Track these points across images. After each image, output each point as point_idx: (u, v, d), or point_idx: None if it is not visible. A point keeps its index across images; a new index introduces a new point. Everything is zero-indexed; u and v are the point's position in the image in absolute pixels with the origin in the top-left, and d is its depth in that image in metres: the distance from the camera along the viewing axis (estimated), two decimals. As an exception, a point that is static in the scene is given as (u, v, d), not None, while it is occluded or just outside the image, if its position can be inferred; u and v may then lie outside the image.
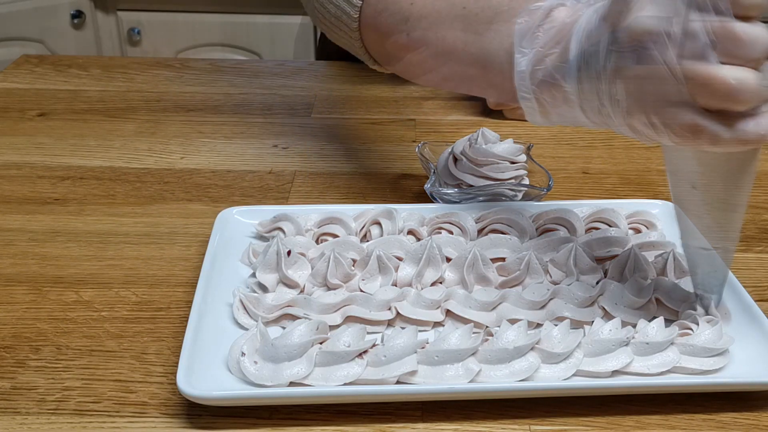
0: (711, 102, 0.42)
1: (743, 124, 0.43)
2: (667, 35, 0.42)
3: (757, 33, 0.41)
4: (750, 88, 0.41)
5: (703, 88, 0.42)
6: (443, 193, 0.71)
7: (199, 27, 1.99)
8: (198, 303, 0.55)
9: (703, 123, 0.43)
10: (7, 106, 0.95)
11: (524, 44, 0.50)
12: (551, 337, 0.52)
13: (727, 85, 0.41)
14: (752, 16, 0.41)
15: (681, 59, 0.42)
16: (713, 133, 0.43)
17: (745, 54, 0.41)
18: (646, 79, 0.44)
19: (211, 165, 0.82)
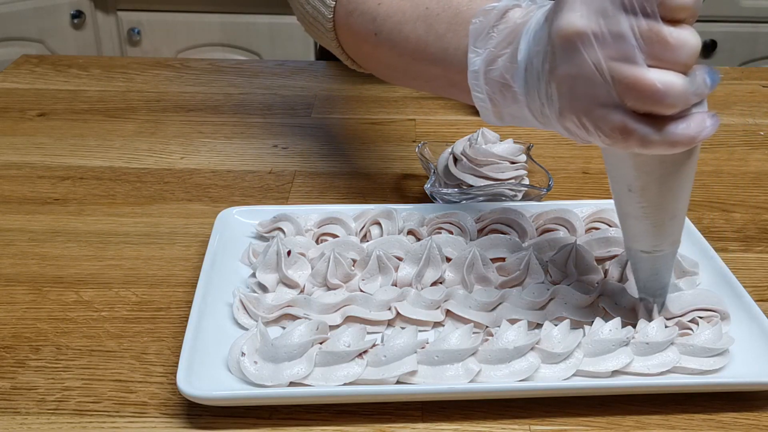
0: (639, 105, 0.42)
1: (673, 126, 0.42)
2: (595, 36, 0.42)
3: (684, 37, 0.41)
4: (676, 92, 0.41)
5: (630, 91, 0.42)
6: (443, 193, 0.71)
7: (199, 27, 1.99)
8: (198, 303, 0.55)
9: (632, 125, 0.43)
10: (7, 106, 0.95)
11: (478, 44, 0.50)
12: (551, 337, 0.52)
13: (654, 88, 0.41)
14: (680, 18, 0.41)
15: (609, 61, 0.42)
16: (642, 136, 0.43)
17: (673, 58, 0.41)
18: (576, 80, 0.44)
19: (211, 165, 0.82)
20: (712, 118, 0.44)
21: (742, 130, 0.93)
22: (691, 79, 0.42)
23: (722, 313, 0.56)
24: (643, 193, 0.48)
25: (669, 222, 0.50)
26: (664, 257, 0.52)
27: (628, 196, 0.50)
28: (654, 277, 0.54)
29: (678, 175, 0.47)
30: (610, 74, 0.42)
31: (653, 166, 0.47)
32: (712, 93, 1.06)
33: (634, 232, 0.52)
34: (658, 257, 0.52)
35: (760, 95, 1.03)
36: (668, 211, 0.49)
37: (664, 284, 0.54)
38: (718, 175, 0.82)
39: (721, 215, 0.74)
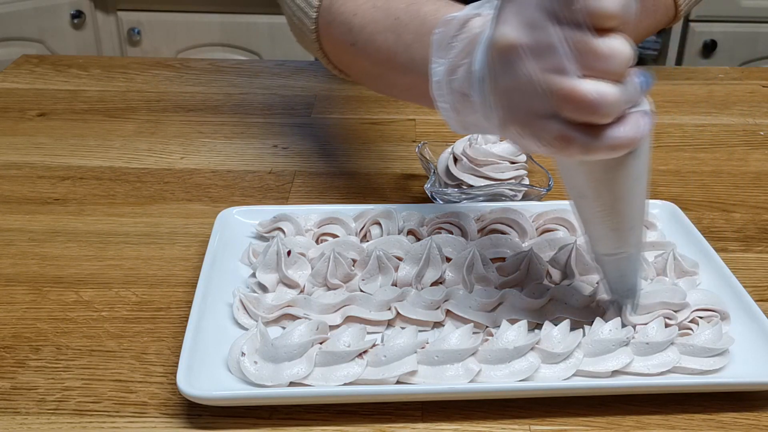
0: (575, 115, 0.42)
1: (610, 131, 0.42)
2: (527, 49, 0.42)
3: (615, 46, 0.41)
4: (610, 102, 0.41)
5: (565, 103, 0.42)
6: (443, 193, 0.71)
7: (199, 27, 1.99)
8: (198, 303, 0.55)
9: (571, 134, 0.42)
10: (7, 106, 0.95)
11: (439, 54, 0.50)
12: (551, 337, 0.52)
13: (587, 99, 0.41)
14: (611, 27, 0.41)
15: (543, 73, 0.42)
16: (582, 144, 0.42)
17: (605, 67, 0.41)
18: (514, 92, 0.44)
19: (211, 165, 0.82)
20: (644, 116, 0.43)
21: (742, 130, 0.93)
22: (626, 86, 0.42)
23: (722, 313, 0.56)
24: (595, 199, 0.49)
25: (627, 225, 0.50)
26: (628, 259, 0.52)
27: (582, 201, 0.50)
28: (621, 278, 0.54)
29: (627, 178, 0.47)
30: (545, 86, 0.42)
31: (599, 171, 0.46)
32: (712, 93, 1.07)
33: (594, 235, 0.52)
34: (622, 259, 0.52)
35: (760, 95, 1.03)
36: (624, 215, 0.49)
37: (631, 285, 0.54)
38: (718, 175, 0.82)
39: (721, 215, 0.74)
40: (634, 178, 0.47)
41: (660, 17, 1.00)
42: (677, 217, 0.68)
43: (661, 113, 0.97)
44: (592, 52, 0.41)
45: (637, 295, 0.55)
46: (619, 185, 0.47)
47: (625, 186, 0.47)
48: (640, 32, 0.99)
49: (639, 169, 0.47)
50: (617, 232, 0.50)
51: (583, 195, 0.49)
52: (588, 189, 0.48)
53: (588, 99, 0.41)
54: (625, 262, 0.53)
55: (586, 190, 0.49)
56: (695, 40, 1.98)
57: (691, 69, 1.14)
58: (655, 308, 0.55)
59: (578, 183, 0.49)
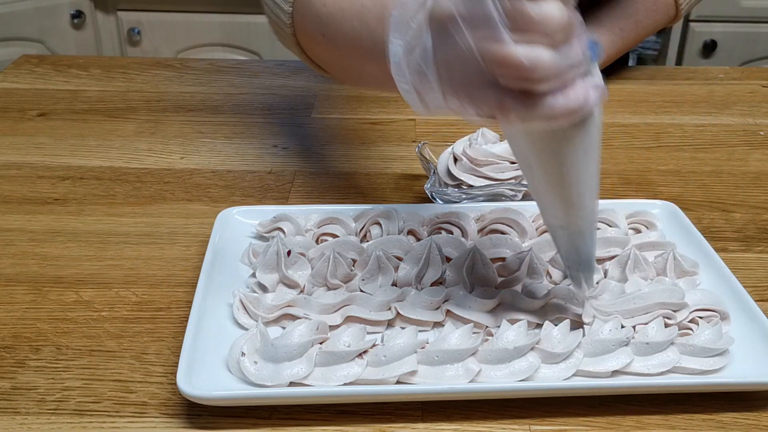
0: (511, 82, 0.42)
1: (549, 99, 0.42)
2: (462, 18, 0.42)
3: (547, 11, 0.41)
4: (544, 66, 0.41)
5: (500, 69, 0.42)
6: (443, 193, 0.71)
7: (199, 27, 1.99)
8: (198, 303, 0.55)
9: (508, 102, 0.42)
10: (7, 106, 0.95)
11: (397, 35, 0.49)
12: (551, 337, 0.52)
13: (520, 64, 0.41)
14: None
15: (478, 41, 0.42)
16: (519, 111, 0.42)
17: (538, 31, 0.41)
18: (452, 63, 0.44)
19: (211, 165, 0.82)
20: (596, 88, 0.43)
21: (742, 130, 0.93)
22: (564, 52, 0.42)
23: (722, 313, 0.56)
24: (540, 169, 0.48)
25: (575, 199, 0.49)
26: (580, 234, 0.52)
27: (529, 171, 0.49)
28: (575, 252, 0.53)
29: (574, 152, 0.46)
30: (480, 54, 0.42)
31: (544, 141, 0.46)
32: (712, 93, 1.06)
33: (543, 205, 0.52)
34: (574, 232, 0.52)
35: (760, 95, 1.03)
36: (571, 188, 0.49)
37: (586, 258, 0.53)
38: (718, 175, 0.82)
39: (721, 215, 0.74)
40: (581, 152, 0.46)
41: (660, 17, 1.00)
42: (677, 217, 0.68)
43: (661, 113, 0.97)
44: (525, 17, 0.41)
45: (592, 270, 0.54)
46: (565, 158, 0.46)
47: (571, 159, 0.46)
48: (640, 32, 1.00)
49: (587, 143, 0.46)
50: (565, 204, 0.50)
51: (529, 165, 0.49)
52: (533, 159, 0.48)
53: (521, 63, 0.41)
54: (578, 235, 0.52)
55: (531, 160, 0.48)
56: (695, 40, 1.98)
57: (691, 69, 1.14)
58: (653, 309, 0.55)
59: (524, 152, 0.48)
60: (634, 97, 1.02)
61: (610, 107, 0.98)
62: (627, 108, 0.98)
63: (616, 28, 0.97)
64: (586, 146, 0.46)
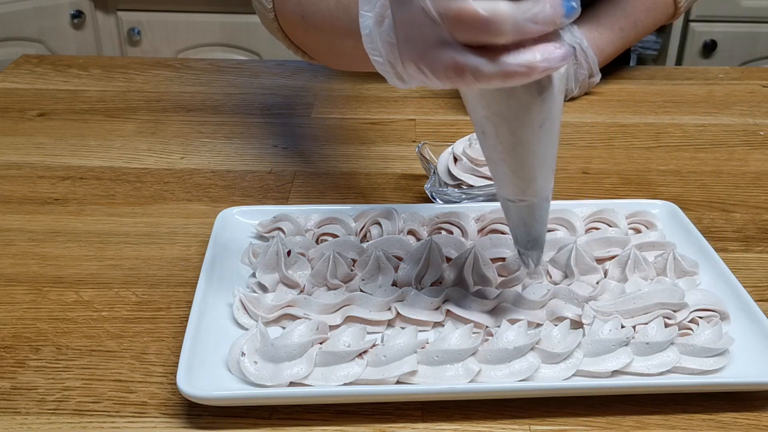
0: (469, 37, 0.41)
1: (506, 57, 0.41)
2: None
3: None
4: (503, 18, 0.40)
5: (457, 24, 0.41)
6: (443, 193, 0.71)
7: (199, 27, 1.99)
8: (198, 303, 0.55)
9: (463, 60, 0.41)
10: (7, 106, 0.95)
11: (367, 8, 0.49)
12: (551, 337, 0.52)
13: (477, 16, 0.40)
14: None
15: None
16: (474, 68, 0.41)
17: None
18: (408, 25, 0.43)
19: (211, 165, 0.82)
20: (560, 47, 0.41)
21: (742, 130, 0.93)
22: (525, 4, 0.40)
23: (722, 313, 0.56)
24: (495, 137, 0.47)
25: (529, 172, 0.48)
26: (530, 207, 0.51)
27: (483, 139, 0.48)
28: (523, 228, 0.52)
29: (529, 120, 0.45)
30: (436, 12, 0.41)
31: (500, 106, 0.45)
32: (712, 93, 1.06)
33: (496, 177, 0.50)
34: (524, 207, 0.51)
35: (760, 95, 1.03)
36: (525, 160, 0.47)
37: (535, 236, 0.52)
38: (718, 175, 0.82)
39: (721, 215, 0.74)
40: (536, 123, 0.45)
41: (659, 15, 1.00)
42: (677, 217, 0.68)
43: (661, 113, 0.97)
44: None
45: (539, 249, 0.53)
46: (520, 127, 0.45)
47: (525, 129, 0.45)
48: (639, 30, 1.00)
49: (543, 115, 0.45)
50: (519, 177, 0.49)
51: (484, 131, 0.47)
52: (488, 126, 0.47)
53: (478, 15, 0.40)
54: (528, 211, 0.51)
55: (486, 127, 0.47)
56: (695, 40, 1.98)
57: (691, 69, 1.14)
58: (653, 309, 0.55)
59: (479, 118, 0.47)
60: (634, 97, 1.02)
61: (610, 107, 0.98)
62: (627, 108, 0.98)
63: (616, 27, 0.97)
64: (543, 118, 0.45)
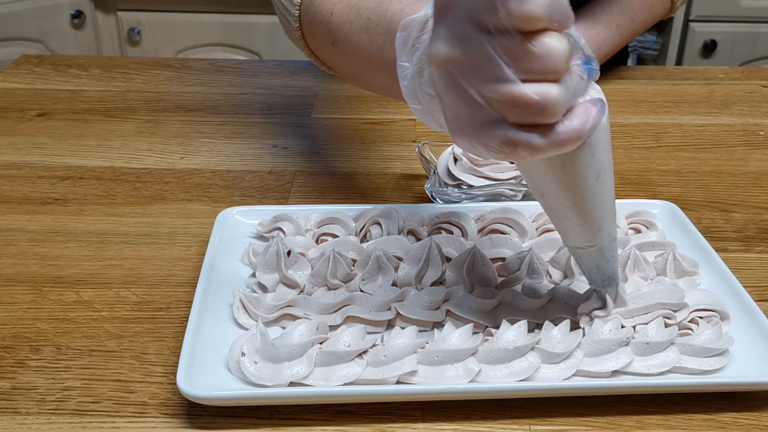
0: (522, 119, 0.42)
1: (558, 127, 0.42)
2: (463, 62, 0.42)
3: (548, 46, 0.40)
4: (553, 101, 0.41)
5: (509, 108, 0.41)
6: (443, 193, 0.71)
7: (199, 27, 1.99)
8: (198, 303, 0.55)
9: (516, 137, 0.42)
10: (7, 106, 0.95)
11: (404, 58, 0.49)
12: (551, 337, 0.52)
13: (532, 102, 0.41)
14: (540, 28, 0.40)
15: (482, 83, 0.41)
16: (529, 144, 0.42)
17: (542, 68, 0.41)
18: (457, 106, 0.44)
19: (211, 165, 0.82)
20: (596, 104, 0.43)
21: (742, 130, 0.93)
22: (567, 81, 0.42)
23: (722, 313, 0.56)
24: (556, 198, 0.48)
25: (593, 221, 0.49)
26: (600, 250, 0.52)
27: (543, 200, 0.50)
28: (596, 269, 0.53)
29: (585, 177, 0.46)
30: (487, 95, 0.42)
31: (555, 170, 0.46)
32: (712, 93, 1.06)
33: (561, 230, 0.52)
34: (594, 251, 0.52)
35: (760, 95, 1.03)
36: (588, 212, 0.49)
37: (608, 275, 0.54)
38: (718, 175, 0.82)
39: (721, 215, 0.74)
40: (593, 176, 0.46)
41: (656, 10, 1.00)
42: (677, 217, 0.68)
43: (661, 113, 0.97)
44: (527, 56, 0.40)
45: (617, 284, 0.55)
46: (577, 185, 0.47)
47: (584, 185, 0.47)
48: (636, 27, 1.00)
49: (597, 166, 0.46)
50: (584, 227, 0.50)
51: (544, 194, 0.49)
52: (548, 190, 0.48)
53: (532, 101, 0.41)
54: (598, 254, 0.52)
55: (546, 191, 0.48)
56: (695, 40, 1.98)
57: (691, 69, 1.14)
58: (653, 309, 0.55)
59: (537, 182, 0.48)
60: (634, 97, 1.02)
61: (610, 107, 0.98)
62: (627, 108, 0.98)
63: (613, 25, 0.97)
64: (597, 169, 0.46)
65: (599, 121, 0.44)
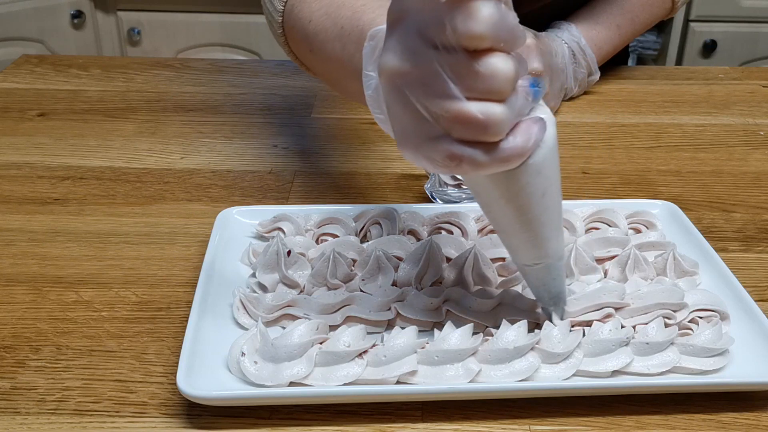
0: (465, 135, 0.42)
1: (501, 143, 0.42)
2: (411, 75, 0.42)
3: (494, 67, 0.40)
4: (497, 120, 0.41)
5: (453, 125, 0.42)
6: (443, 193, 0.71)
7: (199, 27, 1.99)
8: (198, 303, 0.55)
9: (460, 152, 0.42)
10: (7, 106, 0.95)
11: (370, 68, 0.49)
12: (551, 337, 0.52)
13: (475, 119, 0.41)
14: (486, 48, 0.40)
15: (428, 98, 0.42)
16: (472, 160, 0.42)
17: (486, 88, 0.41)
18: (403, 118, 0.44)
19: (211, 165, 0.82)
20: (537, 122, 0.43)
21: (742, 130, 0.93)
22: (512, 101, 0.42)
23: (722, 313, 0.56)
24: (502, 215, 0.48)
25: (539, 237, 0.49)
26: (547, 268, 0.52)
27: (490, 216, 0.49)
28: (543, 287, 0.53)
29: (530, 195, 0.46)
30: (433, 110, 0.42)
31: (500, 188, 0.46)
32: (712, 93, 1.06)
33: (509, 247, 0.52)
34: (540, 269, 0.52)
35: (760, 95, 1.03)
36: (533, 229, 0.48)
37: (555, 293, 0.53)
38: (718, 175, 0.82)
39: (721, 215, 0.74)
40: (538, 194, 0.46)
41: (656, 10, 1.00)
42: (677, 217, 0.68)
43: (661, 113, 0.97)
44: (472, 75, 0.40)
45: (562, 303, 0.54)
46: (523, 202, 0.46)
47: (530, 202, 0.46)
48: (637, 27, 1.00)
49: (543, 184, 0.46)
50: (532, 246, 0.50)
51: (490, 211, 0.49)
52: (494, 206, 0.48)
53: (476, 119, 0.41)
54: (545, 272, 0.52)
55: (492, 207, 0.48)
56: (695, 40, 1.98)
57: (691, 69, 1.14)
58: (653, 309, 0.55)
59: (483, 198, 0.48)
60: (634, 97, 1.02)
61: (610, 107, 0.98)
62: (627, 108, 0.98)
63: (613, 25, 0.98)
64: (543, 188, 0.46)
65: (541, 139, 0.43)
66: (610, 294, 0.55)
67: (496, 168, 0.43)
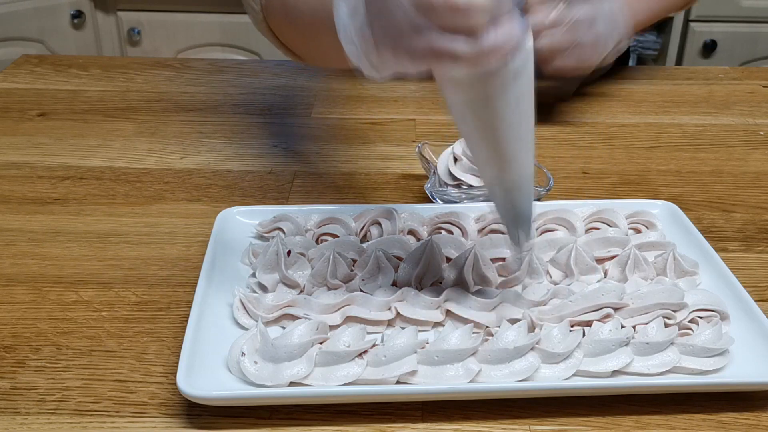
0: (447, 22, 0.42)
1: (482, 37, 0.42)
2: None
3: None
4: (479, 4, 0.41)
5: (434, 12, 0.42)
6: (443, 193, 0.71)
7: (199, 27, 1.99)
8: (198, 303, 0.55)
9: (439, 44, 0.42)
10: (7, 106, 0.95)
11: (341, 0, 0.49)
12: (551, 337, 0.52)
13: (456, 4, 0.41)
14: None
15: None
16: (452, 52, 0.42)
17: None
18: (382, 15, 0.44)
19: (211, 165, 0.82)
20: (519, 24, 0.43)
21: (742, 130, 0.93)
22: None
23: (722, 313, 0.56)
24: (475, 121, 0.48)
25: (509, 147, 0.49)
26: (516, 188, 0.52)
27: (463, 123, 0.49)
28: (510, 206, 0.53)
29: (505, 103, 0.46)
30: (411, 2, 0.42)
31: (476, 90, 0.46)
32: (712, 93, 1.06)
33: (479, 161, 0.52)
34: (509, 188, 0.52)
35: (760, 95, 1.03)
36: (504, 140, 0.48)
37: (521, 213, 0.53)
38: (718, 175, 0.82)
39: (721, 215, 0.74)
40: (513, 102, 0.46)
41: None
42: (677, 217, 0.68)
43: (661, 113, 0.97)
44: None
45: (529, 225, 0.54)
46: (496, 109, 0.47)
47: (503, 109, 0.47)
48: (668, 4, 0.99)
49: (518, 92, 0.46)
50: (500, 158, 0.50)
51: (464, 117, 0.49)
52: (467, 111, 0.48)
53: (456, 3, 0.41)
54: (513, 191, 0.52)
55: (465, 112, 0.48)
56: (695, 40, 1.98)
57: (691, 69, 1.14)
58: (653, 309, 0.55)
59: (457, 104, 0.48)
60: (634, 97, 1.02)
61: (610, 107, 0.98)
62: (627, 108, 0.98)
63: None
64: (518, 96, 0.46)
65: (521, 40, 0.43)
66: (610, 294, 0.55)
67: (476, 63, 0.43)
